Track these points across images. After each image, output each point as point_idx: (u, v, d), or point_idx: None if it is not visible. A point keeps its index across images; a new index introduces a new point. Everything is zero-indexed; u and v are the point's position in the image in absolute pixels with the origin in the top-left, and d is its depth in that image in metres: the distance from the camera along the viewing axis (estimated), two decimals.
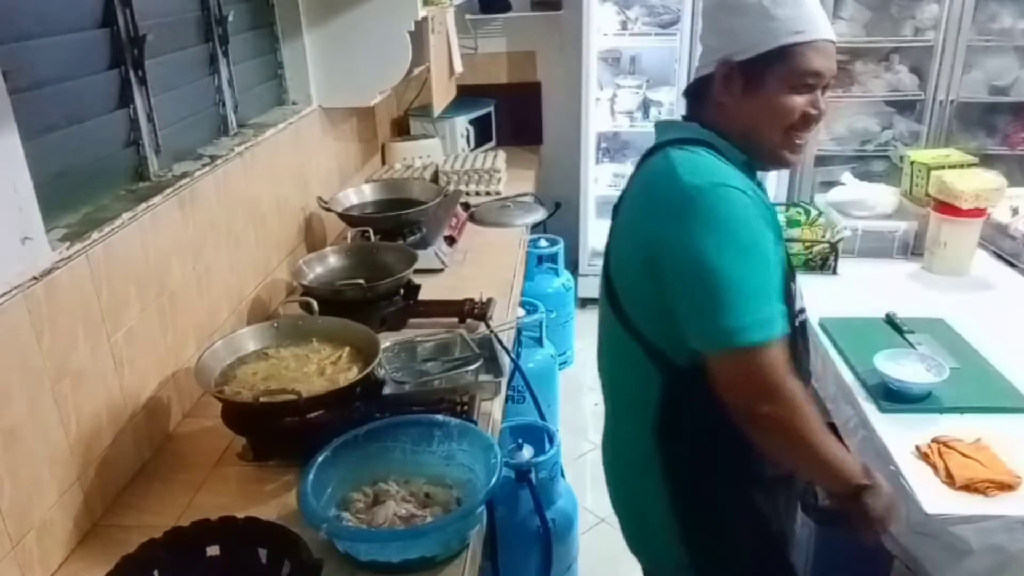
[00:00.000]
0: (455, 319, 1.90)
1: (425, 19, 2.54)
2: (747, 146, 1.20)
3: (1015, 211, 2.53)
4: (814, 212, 2.77)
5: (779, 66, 1.14)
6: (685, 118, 1.29)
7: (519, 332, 2.54)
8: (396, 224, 2.27)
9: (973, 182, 2.27)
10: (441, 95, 2.91)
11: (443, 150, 3.21)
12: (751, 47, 1.16)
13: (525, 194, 2.99)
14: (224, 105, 1.96)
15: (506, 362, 1.76)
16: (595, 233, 3.90)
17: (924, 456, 1.53)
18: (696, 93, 1.27)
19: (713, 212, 1.08)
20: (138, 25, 1.53)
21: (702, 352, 1.10)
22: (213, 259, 1.74)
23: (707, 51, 1.24)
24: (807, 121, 1.17)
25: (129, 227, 1.42)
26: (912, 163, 2.60)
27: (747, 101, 1.18)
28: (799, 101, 1.16)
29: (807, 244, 2.56)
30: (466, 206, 2.72)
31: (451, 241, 2.39)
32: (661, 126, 1.31)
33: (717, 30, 1.22)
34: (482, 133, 3.47)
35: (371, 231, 2.18)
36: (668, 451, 1.24)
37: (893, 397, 1.70)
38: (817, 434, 1.11)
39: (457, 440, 1.34)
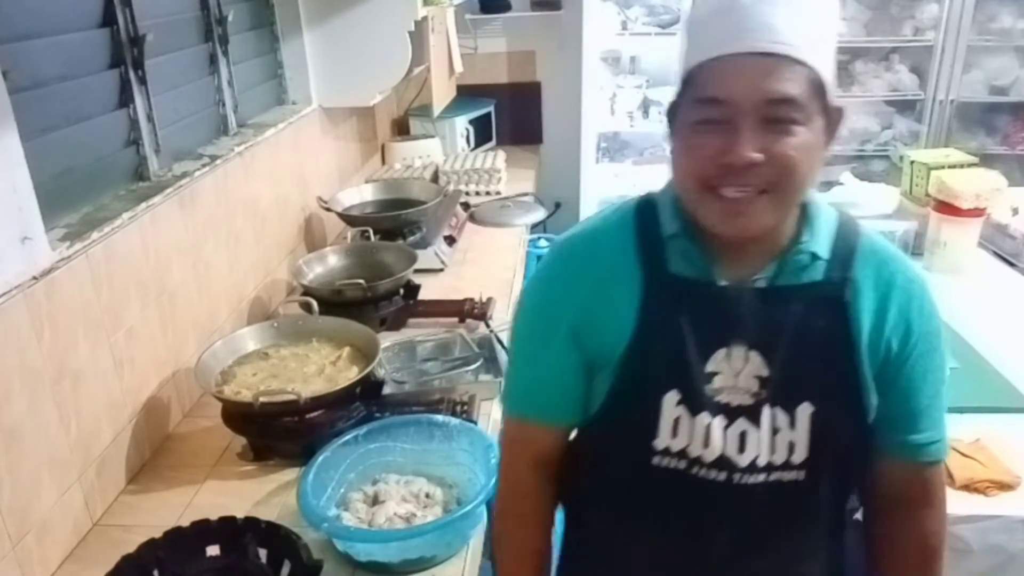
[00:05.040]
0: (455, 319, 1.89)
1: (425, 19, 2.53)
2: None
3: (1015, 211, 2.53)
4: None
5: (683, 100, 0.90)
6: None
7: None
8: (396, 224, 2.27)
9: (973, 182, 2.27)
10: (441, 95, 2.91)
11: (443, 150, 3.21)
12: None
13: (525, 194, 2.99)
14: (224, 105, 1.96)
15: (506, 362, 1.76)
16: None
17: None
18: None
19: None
20: (138, 25, 1.53)
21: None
22: (213, 259, 1.74)
23: None
24: (724, 171, 0.85)
25: (129, 227, 1.42)
26: (912, 163, 2.60)
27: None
28: (702, 143, 0.86)
29: None
30: (466, 206, 2.72)
31: (451, 241, 2.39)
32: None
33: None
34: (482, 133, 3.46)
35: (371, 231, 2.18)
36: None
37: None
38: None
39: (457, 440, 1.35)
